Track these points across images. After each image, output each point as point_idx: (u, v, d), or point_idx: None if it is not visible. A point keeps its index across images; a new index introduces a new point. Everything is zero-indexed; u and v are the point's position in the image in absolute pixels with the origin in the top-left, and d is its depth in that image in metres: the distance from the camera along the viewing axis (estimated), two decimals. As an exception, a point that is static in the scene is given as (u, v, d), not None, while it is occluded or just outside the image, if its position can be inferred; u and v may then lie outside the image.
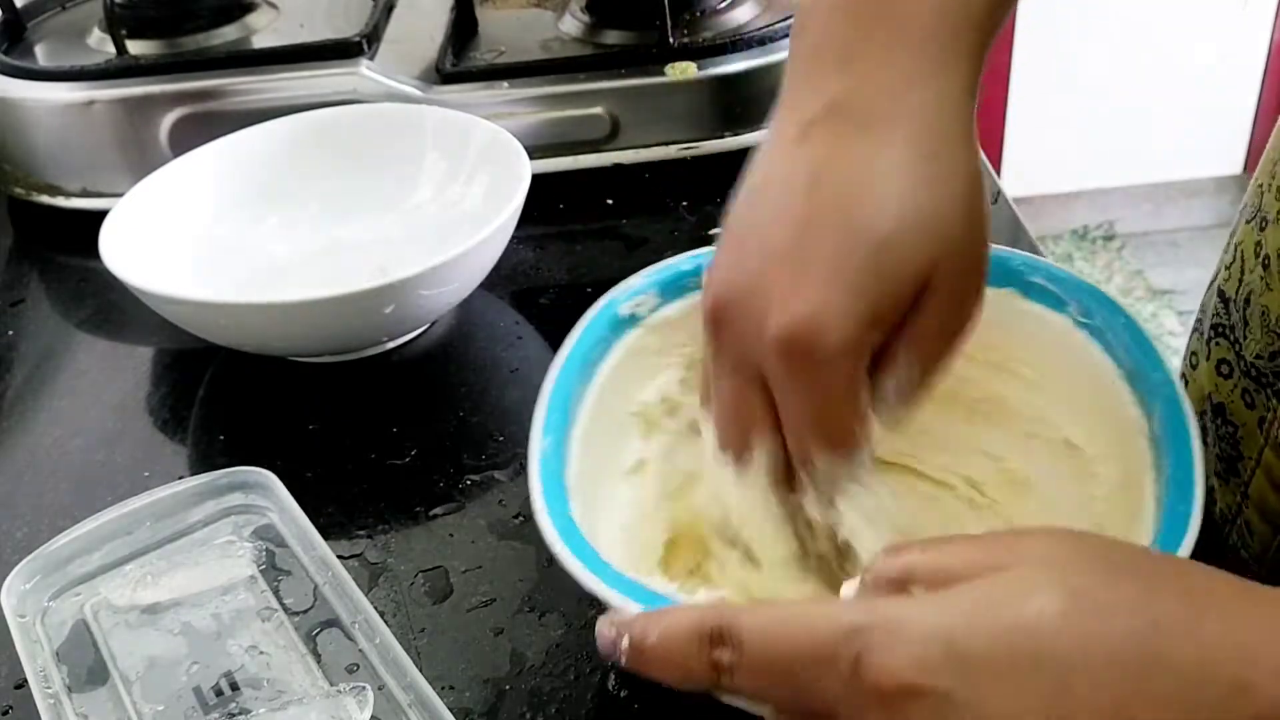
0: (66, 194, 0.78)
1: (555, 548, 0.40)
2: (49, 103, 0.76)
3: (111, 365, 0.67)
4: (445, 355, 0.66)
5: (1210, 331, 0.54)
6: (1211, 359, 0.54)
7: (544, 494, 0.42)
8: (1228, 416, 0.52)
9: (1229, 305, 0.53)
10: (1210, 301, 0.56)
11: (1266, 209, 0.50)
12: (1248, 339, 0.51)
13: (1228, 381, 0.53)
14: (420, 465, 0.57)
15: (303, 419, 0.61)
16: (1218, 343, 0.54)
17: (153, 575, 0.49)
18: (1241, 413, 0.52)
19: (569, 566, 0.40)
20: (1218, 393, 0.53)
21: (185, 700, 0.44)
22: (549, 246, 0.73)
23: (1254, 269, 0.51)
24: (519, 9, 0.85)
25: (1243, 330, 0.52)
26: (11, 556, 0.51)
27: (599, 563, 0.40)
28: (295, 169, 0.72)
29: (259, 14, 0.84)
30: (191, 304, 0.59)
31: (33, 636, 0.47)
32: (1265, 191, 0.51)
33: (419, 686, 0.43)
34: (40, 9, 0.87)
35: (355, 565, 0.52)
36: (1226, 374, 0.53)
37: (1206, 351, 0.55)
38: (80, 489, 0.58)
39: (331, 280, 0.59)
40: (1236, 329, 0.52)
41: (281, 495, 0.52)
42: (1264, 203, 0.50)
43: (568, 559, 0.40)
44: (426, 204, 0.72)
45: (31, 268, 0.77)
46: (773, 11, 0.80)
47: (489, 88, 0.75)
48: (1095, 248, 2.45)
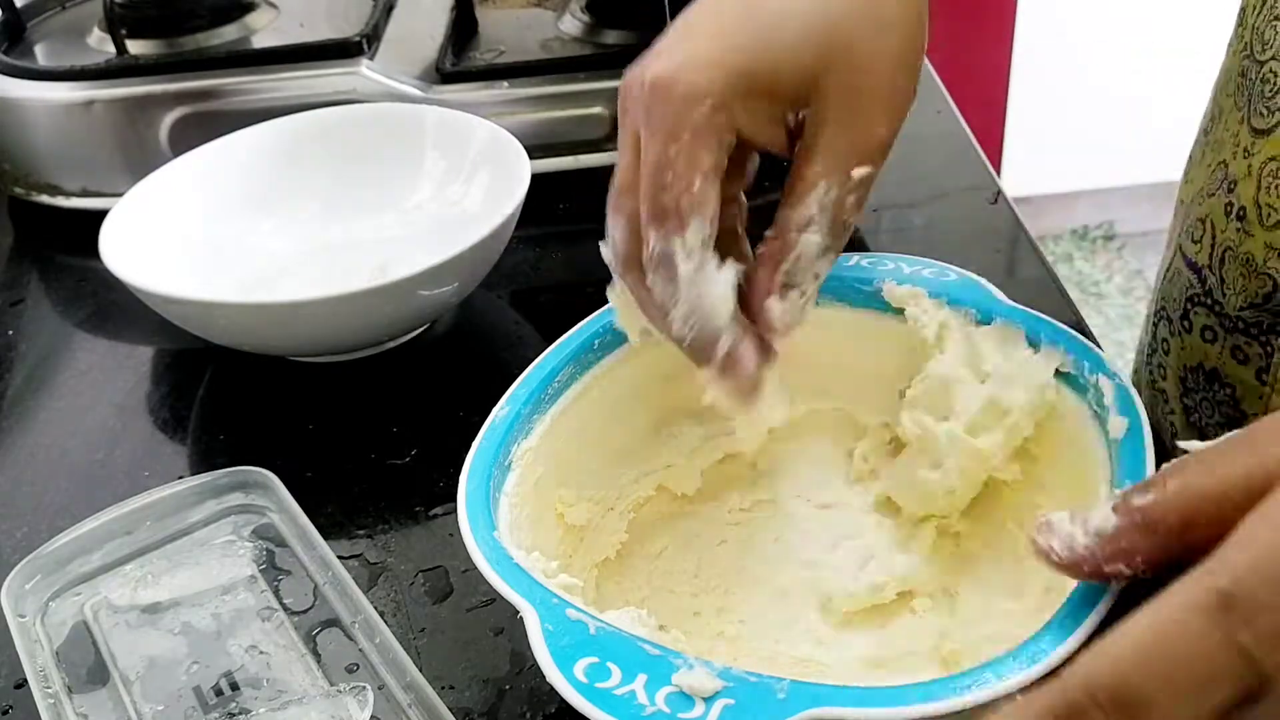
0: (66, 194, 0.78)
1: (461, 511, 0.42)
2: (49, 103, 0.76)
3: (111, 365, 0.67)
4: (445, 355, 0.66)
5: (1186, 305, 0.55)
6: (1194, 330, 0.54)
7: (475, 453, 0.44)
8: (1223, 380, 0.53)
9: (1201, 273, 0.54)
10: (1171, 290, 0.57)
11: (1234, 174, 0.51)
12: (1228, 296, 0.52)
13: (1214, 345, 0.54)
14: (420, 465, 0.57)
15: (303, 419, 0.61)
16: (1196, 313, 0.54)
17: (153, 575, 0.49)
18: (1236, 370, 0.53)
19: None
20: (1207, 359, 0.54)
21: (185, 700, 0.44)
22: (549, 246, 0.73)
23: (1226, 228, 0.52)
24: (519, 9, 0.85)
25: (1220, 291, 0.53)
26: (11, 556, 0.51)
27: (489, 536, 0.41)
28: (295, 169, 0.72)
29: (259, 14, 0.84)
30: (191, 304, 0.59)
31: (33, 636, 0.47)
32: (1230, 161, 0.52)
33: (419, 686, 0.43)
34: (40, 9, 0.87)
35: (355, 565, 0.52)
36: (1211, 339, 0.54)
37: (1185, 326, 0.56)
38: (80, 489, 0.58)
39: (331, 280, 0.59)
40: (1214, 291, 0.53)
41: (281, 495, 0.52)
42: (1230, 171, 0.52)
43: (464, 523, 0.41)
44: (426, 204, 0.72)
45: (31, 268, 0.77)
46: (773, 11, 0.80)
47: (489, 87, 0.75)
48: (1095, 248, 2.45)
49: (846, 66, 0.40)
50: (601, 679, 0.34)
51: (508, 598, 0.38)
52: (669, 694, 0.34)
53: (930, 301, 0.49)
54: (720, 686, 0.34)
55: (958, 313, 0.49)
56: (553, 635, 0.36)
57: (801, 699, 0.33)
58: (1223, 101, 0.54)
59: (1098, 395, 0.43)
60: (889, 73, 0.41)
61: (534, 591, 0.38)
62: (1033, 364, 0.46)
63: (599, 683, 0.34)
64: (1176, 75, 2.20)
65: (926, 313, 0.49)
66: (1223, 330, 0.53)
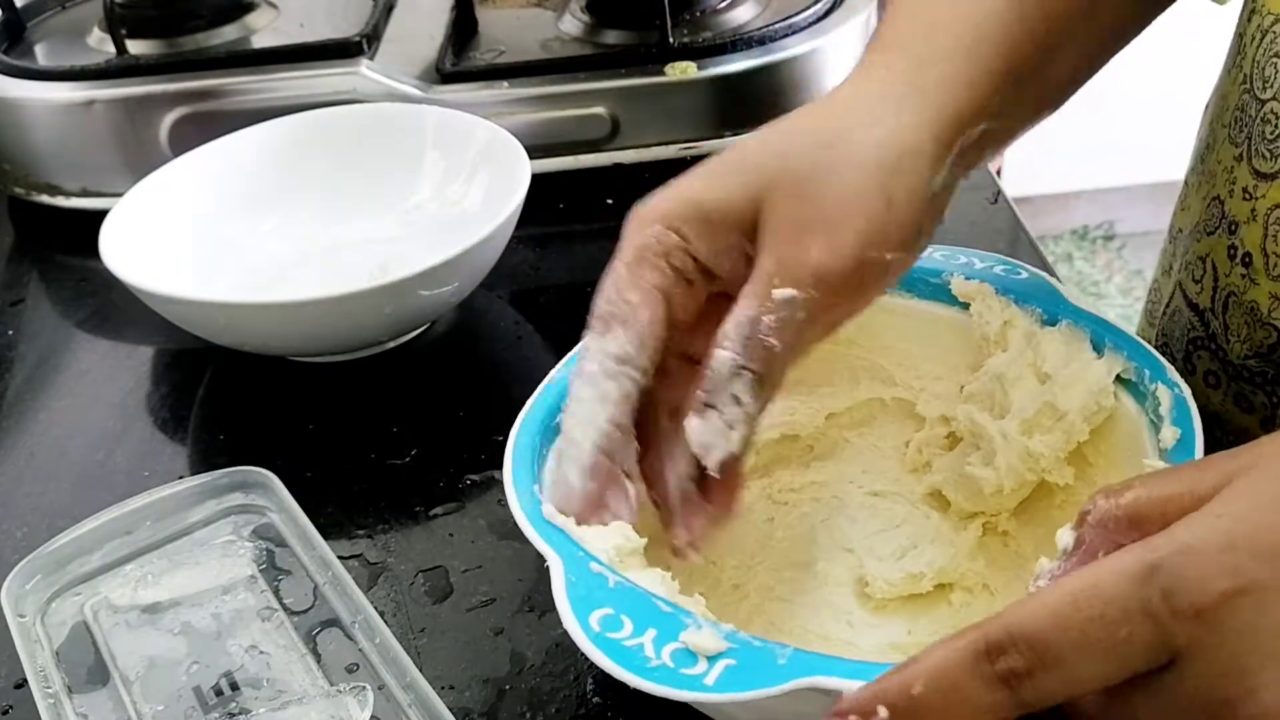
0: (66, 194, 0.78)
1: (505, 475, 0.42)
2: (49, 103, 0.76)
3: (111, 365, 0.67)
4: (445, 355, 0.66)
5: (1188, 347, 0.55)
6: (1197, 374, 0.54)
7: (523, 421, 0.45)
8: (1225, 427, 0.52)
9: (1203, 316, 0.53)
10: (1173, 330, 0.56)
11: (1234, 214, 0.50)
12: (1232, 343, 0.51)
13: (1218, 391, 0.53)
14: (420, 465, 0.57)
15: (303, 419, 0.61)
16: (1199, 356, 0.54)
17: (153, 575, 0.49)
18: (1239, 418, 0.52)
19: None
20: (1209, 404, 0.53)
21: (185, 700, 0.44)
22: (549, 246, 0.73)
23: (1230, 272, 0.51)
24: (519, 9, 0.85)
25: (1224, 336, 0.52)
26: (11, 556, 0.51)
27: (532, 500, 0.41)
28: (295, 169, 0.72)
29: (259, 14, 0.84)
30: (191, 304, 0.59)
31: (33, 636, 0.47)
32: (1226, 199, 0.51)
33: (419, 686, 0.43)
34: (40, 9, 0.88)
35: (355, 565, 0.52)
36: (1215, 384, 0.53)
37: (1189, 368, 0.55)
38: (80, 489, 0.58)
39: (331, 280, 0.59)
40: (1217, 337, 0.52)
41: (281, 495, 0.52)
42: (1228, 210, 0.51)
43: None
44: (426, 203, 0.72)
45: (31, 268, 0.77)
46: (773, 11, 0.80)
47: (489, 87, 0.75)
48: (1095, 248, 2.45)
49: (788, 195, 0.41)
50: (613, 630, 0.36)
51: (538, 547, 0.39)
52: (675, 650, 0.35)
53: (997, 299, 0.49)
54: (724, 648, 0.35)
55: (1024, 311, 0.49)
56: (574, 586, 0.37)
57: (800, 666, 0.34)
58: (1217, 131, 0.53)
59: (1155, 403, 0.43)
60: (830, 204, 0.41)
61: (563, 545, 0.39)
62: (1093, 368, 0.46)
63: (610, 633, 0.36)
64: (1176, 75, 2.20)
65: (991, 309, 0.49)
66: (1226, 377, 0.52)
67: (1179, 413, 0.42)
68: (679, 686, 0.34)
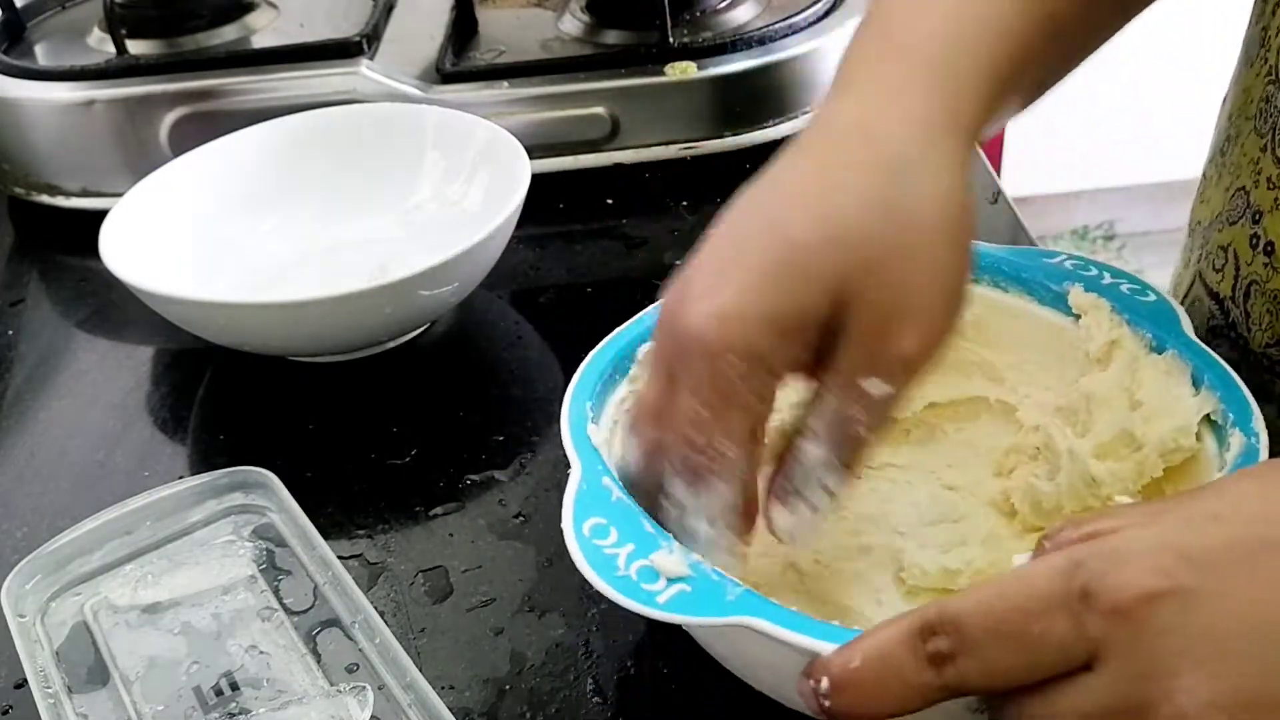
0: (66, 194, 0.78)
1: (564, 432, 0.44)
2: (49, 103, 0.76)
3: (111, 365, 0.67)
4: (445, 355, 0.66)
5: (1208, 336, 0.55)
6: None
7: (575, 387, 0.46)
8: None
9: (1224, 305, 0.53)
10: (1191, 319, 0.56)
11: (1258, 203, 0.51)
12: (1253, 332, 0.51)
13: None
14: (420, 465, 0.57)
15: (303, 419, 0.61)
16: (1218, 344, 0.54)
17: (153, 575, 0.49)
18: (1261, 409, 0.52)
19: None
20: None
21: (185, 700, 0.44)
22: (549, 246, 0.73)
23: (1252, 261, 0.51)
24: (519, 9, 0.85)
25: (1245, 325, 0.52)
26: (11, 556, 0.51)
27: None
28: (295, 169, 0.72)
29: (259, 14, 0.84)
30: (191, 304, 0.59)
31: (33, 636, 0.47)
32: (1251, 190, 0.51)
33: (419, 686, 0.43)
34: (40, 9, 0.88)
35: (355, 565, 0.52)
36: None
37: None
38: (80, 489, 0.58)
39: (331, 280, 0.59)
40: (1239, 325, 0.52)
41: (281, 495, 0.52)
42: (1253, 199, 0.51)
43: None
44: (426, 204, 0.72)
45: (31, 268, 0.77)
46: (772, 11, 0.80)
47: (489, 87, 0.75)
48: (1095, 248, 2.45)
49: (870, 287, 0.38)
50: (600, 537, 0.39)
51: (567, 450, 0.43)
52: (642, 566, 0.37)
53: (1110, 316, 0.48)
54: (684, 574, 0.37)
55: (1134, 334, 0.48)
56: (582, 493, 0.41)
57: (744, 606, 0.36)
58: (1240, 124, 0.53)
59: (1227, 448, 0.43)
60: (918, 289, 0.39)
61: (589, 456, 0.42)
62: (1183, 405, 0.44)
63: (596, 539, 0.39)
64: (1177, 76, 2.21)
65: (1100, 326, 0.48)
66: (1246, 366, 0.51)
67: (1243, 461, 0.41)
68: (632, 598, 0.36)
